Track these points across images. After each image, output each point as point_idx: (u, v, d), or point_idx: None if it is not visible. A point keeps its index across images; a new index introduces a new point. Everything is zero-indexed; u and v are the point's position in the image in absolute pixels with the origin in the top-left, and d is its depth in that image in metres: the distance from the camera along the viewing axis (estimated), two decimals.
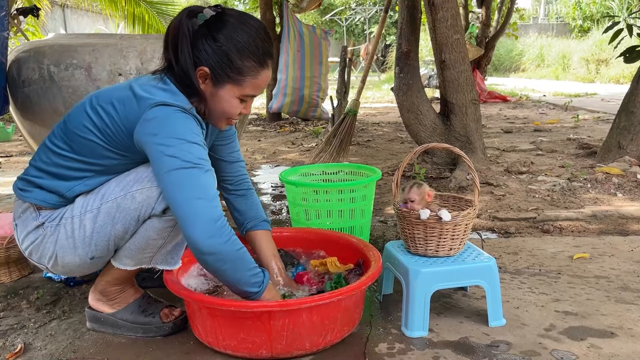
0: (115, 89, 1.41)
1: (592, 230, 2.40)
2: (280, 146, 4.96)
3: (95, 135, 1.37)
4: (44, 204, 1.43)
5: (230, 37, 1.35)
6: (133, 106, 1.34)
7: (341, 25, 20.42)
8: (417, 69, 3.54)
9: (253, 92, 1.42)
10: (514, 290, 1.78)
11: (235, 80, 1.38)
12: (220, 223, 1.28)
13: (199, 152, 1.31)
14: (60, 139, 1.42)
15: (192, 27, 1.35)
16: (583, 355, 1.39)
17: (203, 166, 1.30)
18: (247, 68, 1.37)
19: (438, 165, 3.49)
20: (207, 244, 1.27)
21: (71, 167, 1.41)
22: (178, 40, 1.35)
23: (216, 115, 1.46)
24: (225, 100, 1.41)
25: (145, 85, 1.38)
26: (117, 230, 1.40)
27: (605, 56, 13.05)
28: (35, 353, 1.45)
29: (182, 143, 1.29)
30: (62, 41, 2.36)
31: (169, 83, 1.38)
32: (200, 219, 1.26)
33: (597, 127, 5.52)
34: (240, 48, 1.35)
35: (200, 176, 1.29)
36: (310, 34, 6.51)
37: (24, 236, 1.45)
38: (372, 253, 1.61)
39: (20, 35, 5.31)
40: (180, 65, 1.36)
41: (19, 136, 5.79)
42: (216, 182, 1.36)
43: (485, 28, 8.66)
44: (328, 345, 1.42)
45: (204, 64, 1.36)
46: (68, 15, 13.38)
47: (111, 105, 1.36)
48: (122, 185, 1.40)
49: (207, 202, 1.28)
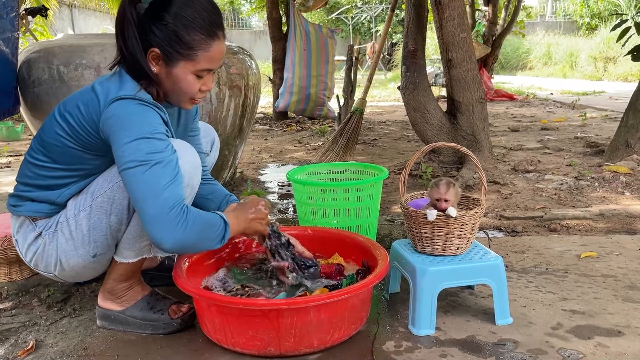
0: (81, 92, 1.43)
1: (599, 229, 2.39)
2: (287, 145, 4.98)
3: (69, 141, 1.39)
4: (38, 215, 1.47)
5: (176, 14, 1.35)
6: (95, 106, 1.35)
7: (347, 24, 20.39)
8: (424, 67, 3.54)
9: (208, 66, 1.42)
10: (520, 289, 1.79)
11: (187, 56, 1.38)
12: (172, 214, 1.28)
13: (149, 146, 1.29)
14: (39, 151, 1.44)
15: (137, 13, 1.35)
16: (590, 354, 1.39)
17: (150, 161, 1.28)
18: (197, 42, 1.37)
19: (445, 164, 3.49)
20: (164, 241, 1.29)
21: (55, 176, 1.44)
22: (124, 27, 1.36)
23: (176, 95, 1.45)
24: (181, 78, 1.40)
25: (104, 82, 1.39)
26: (112, 223, 1.42)
27: (613, 54, 12.97)
28: (47, 350, 1.47)
29: (132, 140, 1.29)
30: (71, 41, 2.38)
31: (124, 74, 1.39)
32: (150, 219, 1.28)
33: (605, 126, 5.50)
34: (187, 23, 1.35)
35: (145, 173, 1.28)
36: (317, 32, 6.51)
37: (25, 249, 1.48)
38: (379, 252, 1.62)
39: (29, 35, 5.34)
40: (129, 52, 1.37)
41: (28, 135, 5.84)
42: (176, 168, 1.33)
43: (492, 26, 8.62)
44: (336, 343, 1.43)
45: (154, 46, 1.36)
46: (76, 15, 13.45)
47: (77, 108, 1.38)
48: (110, 178, 1.42)
49: (152, 199, 1.27)
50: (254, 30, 22.97)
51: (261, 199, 1.62)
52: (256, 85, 2.91)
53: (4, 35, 2.24)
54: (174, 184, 1.31)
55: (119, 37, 1.39)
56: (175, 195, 1.30)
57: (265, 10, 6.89)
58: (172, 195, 1.29)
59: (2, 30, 2.23)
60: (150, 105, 1.35)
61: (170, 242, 1.29)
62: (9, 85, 2.29)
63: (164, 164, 1.30)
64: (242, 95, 2.73)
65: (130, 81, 1.38)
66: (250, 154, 4.52)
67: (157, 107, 1.37)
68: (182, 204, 1.30)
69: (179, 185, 1.32)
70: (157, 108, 1.37)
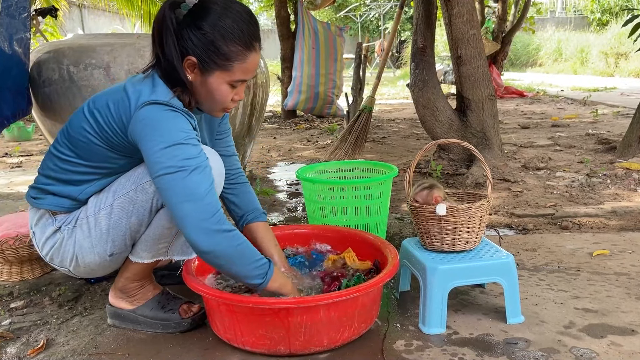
0: (111, 91, 1.42)
1: (612, 227, 2.36)
2: (296, 143, 4.98)
3: (96, 138, 1.39)
4: (58, 209, 1.46)
5: (214, 24, 1.34)
6: (125, 107, 1.34)
7: (356, 22, 20.36)
8: (433, 64, 3.52)
9: (243, 77, 1.41)
10: (532, 287, 1.77)
11: (223, 66, 1.37)
12: (213, 220, 1.29)
13: (185, 152, 1.30)
14: (64, 145, 1.44)
15: (175, 18, 1.34)
16: (603, 352, 1.37)
17: (188, 167, 1.29)
18: (234, 53, 1.36)
19: (454, 162, 3.47)
20: (202, 244, 1.29)
21: (79, 171, 1.44)
22: (162, 33, 1.35)
23: (209, 103, 1.45)
24: (215, 87, 1.40)
25: (136, 84, 1.38)
26: (132, 224, 1.42)
27: (624, 49, 12.84)
28: (58, 349, 1.48)
29: (167, 146, 1.29)
30: (81, 41, 2.39)
31: (157, 79, 1.38)
32: (190, 221, 1.28)
33: (617, 122, 5.44)
34: (225, 34, 1.34)
35: (185, 179, 1.28)
36: (325, 30, 6.51)
37: (42, 242, 1.48)
38: (389, 250, 1.61)
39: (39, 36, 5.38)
40: (166, 57, 1.36)
41: (39, 135, 5.88)
42: (211, 174, 1.34)
43: (502, 23, 8.56)
44: (346, 342, 1.43)
45: (191, 54, 1.35)
46: (85, 15, 13.54)
47: (107, 107, 1.37)
48: (133, 179, 1.42)
49: (194, 203, 1.28)
50: (262, 29, 22.54)
51: None
52: (265, 84, 2.91)
53: (17, 35, 2.26)
54: (213, 190, 1.32)
55: (155, 42, 1.38)
56: (216, 201, 1.32)
57: (273, 9, 6.89)
58: (214, 200, 1.31)
59: (15, 31, 2.25)
60: (181, 112, 1.35)
61: (207, 246, 1.29)
62: (22, 86, 2.31)
63: (201, 169, 1.31)
64: (250, 93, 2.73)
65: (163, 86, 1.37)
66: (260, 153, 4.53)
67: (188, 114, 1.37)
68: (222, 213, 1.32)
69: (215, 193, 1.34)
70: (187, 115, 1.36)
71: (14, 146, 5.22)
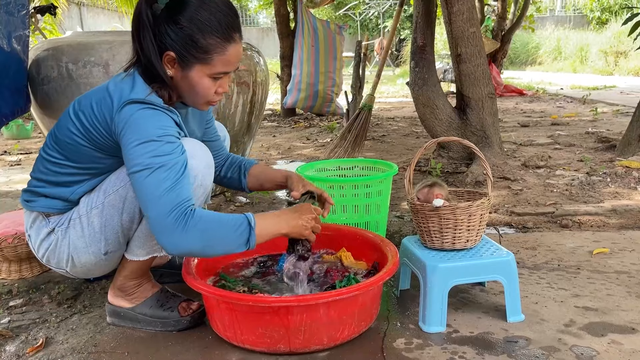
0: (95, 91, 1.42)
1: (612, 225, 2.36)
2: (295, 142, 4.97)
3: (81, 139, 1.38)
4: (51, 211, 1.47)
5: (191, 18, 1.33)
6: (108, 107, 1.34)
7: (355, 20, 20.33)
8: (433, 62, 3.51)
9: (224, 69, 1.40)
10: (532, 286, 1.77)
11: (203, 59, 1.36)
12: (171, 217, 1.25)
13: (154, 150, 1.28)
14: (53, 148, 1.44)
15: (152, 14, 1.33)
16: (604, 351, 1.37)
17: (153, 165, 1.26)
18: (212, 45, 1.35)
19: (454, 160, 3.47)
20: (167, 245, 1.27)
21: (68, 173, 1.44)
22: (140, 29, 1.34)
23: (192, 98, 1.44)
24: (197, 81, 1.38)
25: (118, 83, 1.37)
26: (124, 221, 1.42)
27: (624, 48, 12.82)
28: (57, 347, 1.48)
29: (138, 144, 1.27)
30: (80, 39, 2.39)
31: (137, 76, 1.38)
32: (151, 222, 1.27)
33: (617, 121, 5.43)
34: (202, 27, 1.33)
35: (148, 177, 1.26)
36: (325, 29, 6.50)
37: (38, 244, 1.49)
38: (389, 248, 1.61)
39: (38, 34, 5.36)
40: (144, 54, 1.35)
41: (38, 133, 5.87)
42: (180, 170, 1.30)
43: (501, 21, 8.55)
44: (345, 340, 1.42)
45: (169, 49, 1.34)
46: (84, 13, 13.51)
47: (91, 108, 1.37)
48: (122, 176, 1.42)
49: (153, 202, 1.26)
50: (261, 27, 22.98)
51: (316, 208, 1.55)
52: (264, 82, 2.90)
53: (15, 33, 2.25)
54: (177, 187, 1.28)
55: (134, 39, 1.37)
56: (175, 199, 1.26)
57: (273, 7, 6.88)
58: (173, 199, 1.26)
59: (14, 29, 2.24)
60: (161, 108, 1.34)
61: (170, 245, 1.27)
62: (21, 84, 2.31)
63: (168, 167, 1.28)
64: (250, 91, 2.72)
65: (142, 84, 1.36)
66: (259, 151, 4.52)
67: (169, 110, 1.36)
68: (183, 207, 1.26)
69: (182, 188, 1.29)
70: (168, 111, 1.35)
71: (13, 144, 5.21)
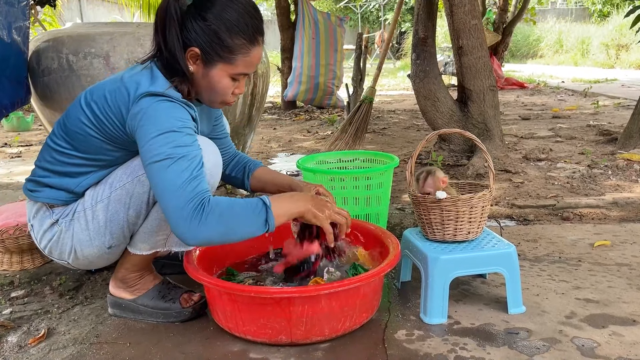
0: (108, 82, 1.41)
1: (613, 218, 2.36)
2: (296, 134, 4.96)
3: (93, 130, 1.37)
4: (55, 202, 1.45)
5: (219, 16, 1.33)
6: (124, 98, 1.33)
7: (356, 13, 20.26)
8: (434, 55, 3.50)
9: (245, 70, 1.40)
10: (533, 278, 1.77)
11: (227, 59, 1.36)
12: (189, 207, 1.24)
13: (176, 140, 1.27)
14: (61, 137, 1.43)
15: (180, 8, 1.33)
16: (605, 342, 1.37)
17: (175, 155, 1.26)
18: (238, 46, 1.35)
19: (455, 153, 3.46)
20: (185, 236, 1.25)
21: (75, 163, 1.43)
22: (166, 23, 1.33)
23: (209, 96, 1.44)
24: (217, 80, 1.39)
25: (135, 75, 1.36)
26: (130, 216, 1.42)
27: (625, 41, 12.79)
28: (59, 338, 1.48)
29: (159, 134, 1.26)
30: (80, 30, 2.38)
31: (156, 70, 1.37)
32: (169, 213, 1.25)
33: (618, 114, 5.42)
34: (230, 26, 1.33)
35: (169, 167, 1.25)
36: (325, 21, 6.47)
37: (40, 235, 1.48)
38: (390, 240, 1.61)
39: (38, 26, 5.36)
40: (168, 48, 1.34)
41: (38, 125, 5.87)
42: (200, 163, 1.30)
43: (503, 13, 8.52)
44: (347, 332, 1.43)
45: (194, 45, 1.34)
46: (84, 5, 13.46)
47: (104, 99, 1.35)
48: (129, 171, 1.41)
49: (172, 192, 1.24)
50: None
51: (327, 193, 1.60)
52: (265, 74, 2.89)
53: (16, 24, 2.24)
54: (197, 178, 1.27)
55: (158, 32, 1.36)
56: (195, 189, 1.26)
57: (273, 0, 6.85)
58: (193, 189, 1.26)
59: (14, 19, 2.23)
60: (180, 103, 1.33)
61: (189, 235, 1.25)
62: (21, 75, 2.30)
63: (189, 157, 1.27)
64: (251, 84, 2.72)
65: (161, 77, 1.35)
66: (260, 144, 4.52)
67: (187, 104, 1.35)
68: (201, 198, 1.26)
69: (202, 179, 1.29)
70: (186, 106, 1.35)
71: (14, 136, 5.20)
